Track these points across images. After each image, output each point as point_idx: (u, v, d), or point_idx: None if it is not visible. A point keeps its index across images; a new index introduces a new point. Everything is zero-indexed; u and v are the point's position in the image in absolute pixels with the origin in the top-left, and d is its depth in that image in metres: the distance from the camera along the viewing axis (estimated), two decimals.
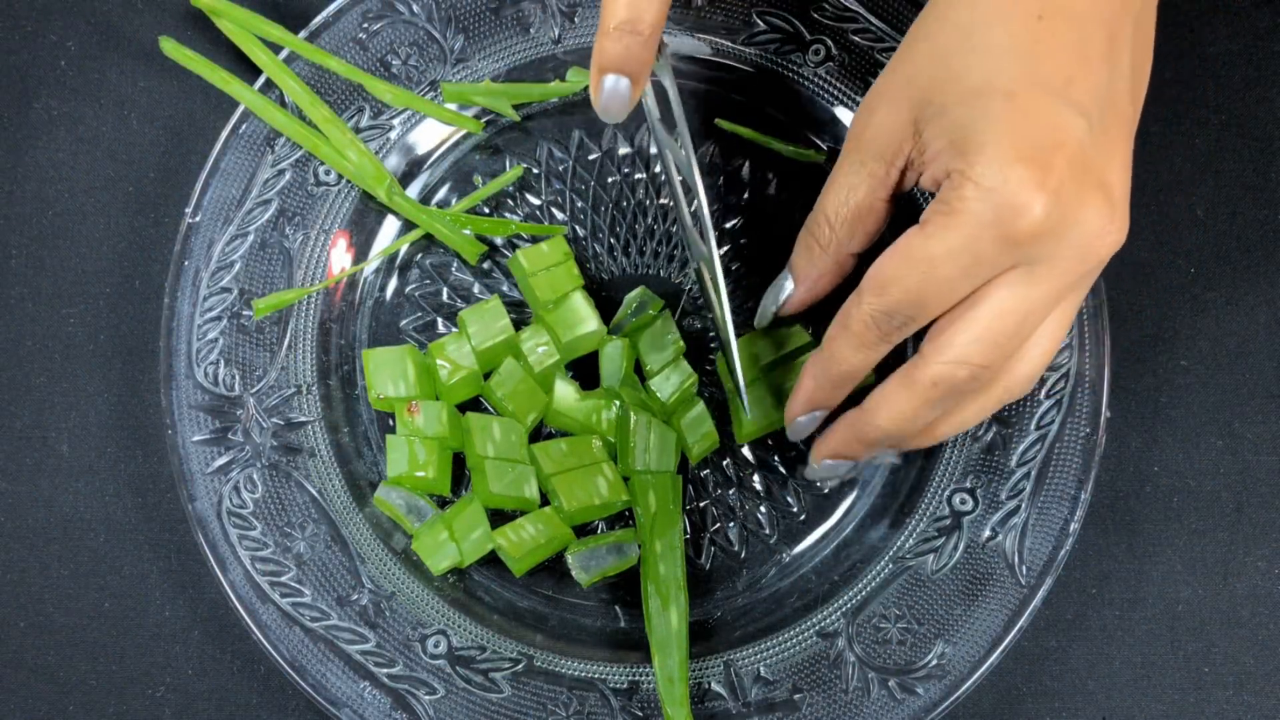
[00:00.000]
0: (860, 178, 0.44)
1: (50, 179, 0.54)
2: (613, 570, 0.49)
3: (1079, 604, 0.51)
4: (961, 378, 0.41)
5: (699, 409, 0.50)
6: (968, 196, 0.38)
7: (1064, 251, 0.39)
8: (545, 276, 0.50)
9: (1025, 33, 0.39)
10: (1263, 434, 0.53)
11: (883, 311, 0.41)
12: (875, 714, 0.47)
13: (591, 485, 0.48)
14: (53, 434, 0.52)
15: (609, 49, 0.42)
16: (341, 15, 0.52)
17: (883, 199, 0.44)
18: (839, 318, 0.43)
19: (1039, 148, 0.38)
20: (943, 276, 0.39)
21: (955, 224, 0.39)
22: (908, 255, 0.40)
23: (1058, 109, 0.38)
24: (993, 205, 0.38)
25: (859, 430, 0.45)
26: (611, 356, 0.50)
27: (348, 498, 0.50)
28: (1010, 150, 0.38)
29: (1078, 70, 0.39)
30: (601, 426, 0.49)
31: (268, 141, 0.51)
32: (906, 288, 0.40)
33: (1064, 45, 0.39)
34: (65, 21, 0.55)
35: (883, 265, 0.41)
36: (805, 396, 0.46)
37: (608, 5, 0.42)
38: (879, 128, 0.43)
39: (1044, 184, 0.38)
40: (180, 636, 0.51)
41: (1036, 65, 0.39)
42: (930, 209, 0.40)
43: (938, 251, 0.39)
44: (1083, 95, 0.39)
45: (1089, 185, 0.38)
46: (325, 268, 0.52)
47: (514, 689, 0.47)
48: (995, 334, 0.40)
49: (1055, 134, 0.38)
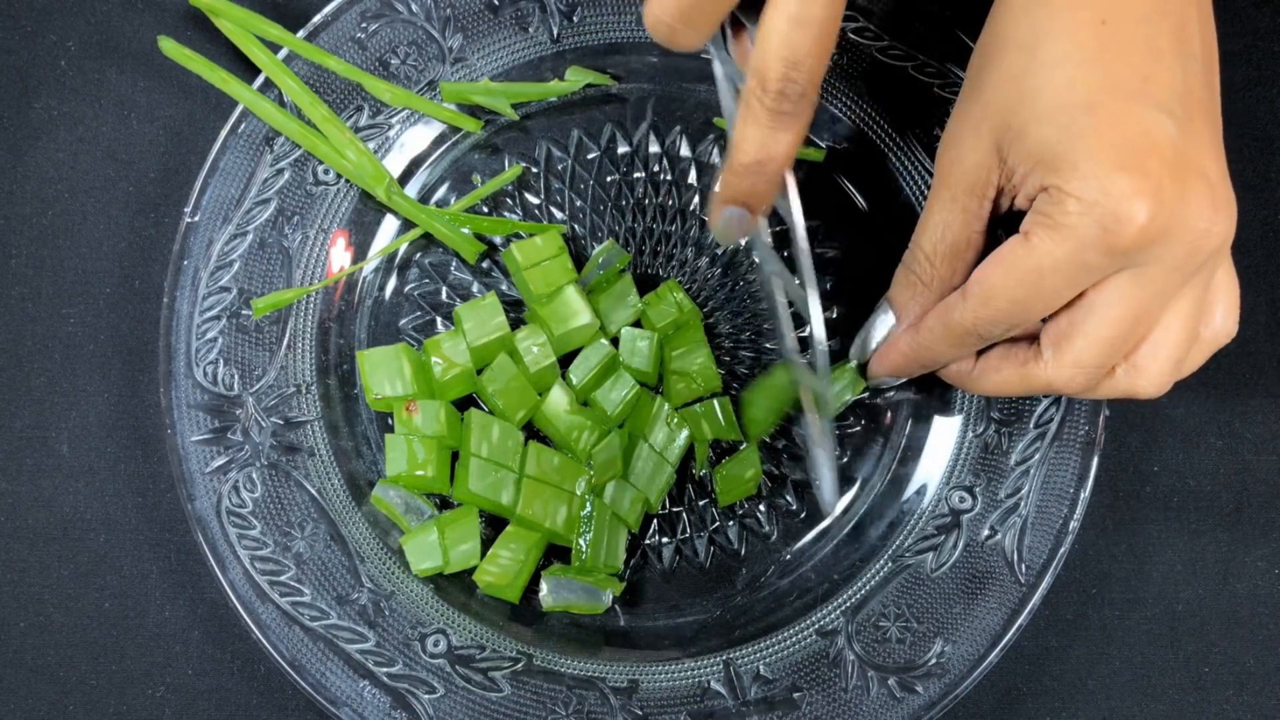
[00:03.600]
0: (953, 214, 0.43)
1: (50, 179, 0.54)
2: (578, 609, 0.49)
3: (1079, 603, 0.51)
4: (1079, 381, 0.42)
5: (718, 402, 0.51)
6: (1070, 211, 0.38)
7: (1173, 250, 0.38)
8: (539, 270, 0.50)
9: (1092, 40, 0.39)
10: (1263, 434, 0.53)
11: (986, 321, 0.41)
12: (875, 712, 0.47)
13: (553, 508, 0.48)
14: (53, 434, 0.52)
15: (734, 184, 0.43)
16: (340, 14, 0.52)
17: (978, 231, 0.43)
18: (940, 312, 0.43)
19: (1132, 154, 0.37)
20: (1050, 288, 0.39)
21: (1060, 238, 0.38)
22: (1013, 267, 0.40)
23: (1142, 111, 0.38)
24: (1096, 218, 0.37)
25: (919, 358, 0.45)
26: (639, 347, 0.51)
27: (347, 497, 0.50)
28: (1104, 161, 0.37)
29: (1152, 68, 0.39)
30: (579, 445, 0.49)
31: (267, 141, 0.51)
32: (1013, 299, 0.40)
33: (1133, 46, 0.39)
34: (65, 21, 0.56)
35: (987, 274, 0.41)
36: (890, 365, 0.47)
37: (737, 144, 0.42)
38: (963, 162, 0.42)
39: (1144, 189, 0.37)
40: (180, 636, 0.51)
41: (1110, 71, 0.38)
42: (1030, 221, 0.39)
43: (1044, 264, 0.39)
44: (1162, 92, 0.38)
45: (1188, 181, 0.38)
46: (324, 267, 0.52)
47: (514, 688, 0.47)
48: (1108, 338, 0.40)
49: (1145, 137, 0.38)
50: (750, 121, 0.41)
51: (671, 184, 0.53)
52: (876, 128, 0.53)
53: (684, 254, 0.53)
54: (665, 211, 0.53)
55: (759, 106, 0.40)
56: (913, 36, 0.52)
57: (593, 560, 0.48)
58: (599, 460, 0.49)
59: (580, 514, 0.49)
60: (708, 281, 0.53)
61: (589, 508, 0.49)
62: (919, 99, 0.52)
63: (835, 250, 0.53)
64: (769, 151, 0.41)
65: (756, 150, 0.41)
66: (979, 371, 0.45)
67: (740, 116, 0.41)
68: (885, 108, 0.53)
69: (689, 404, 0.51)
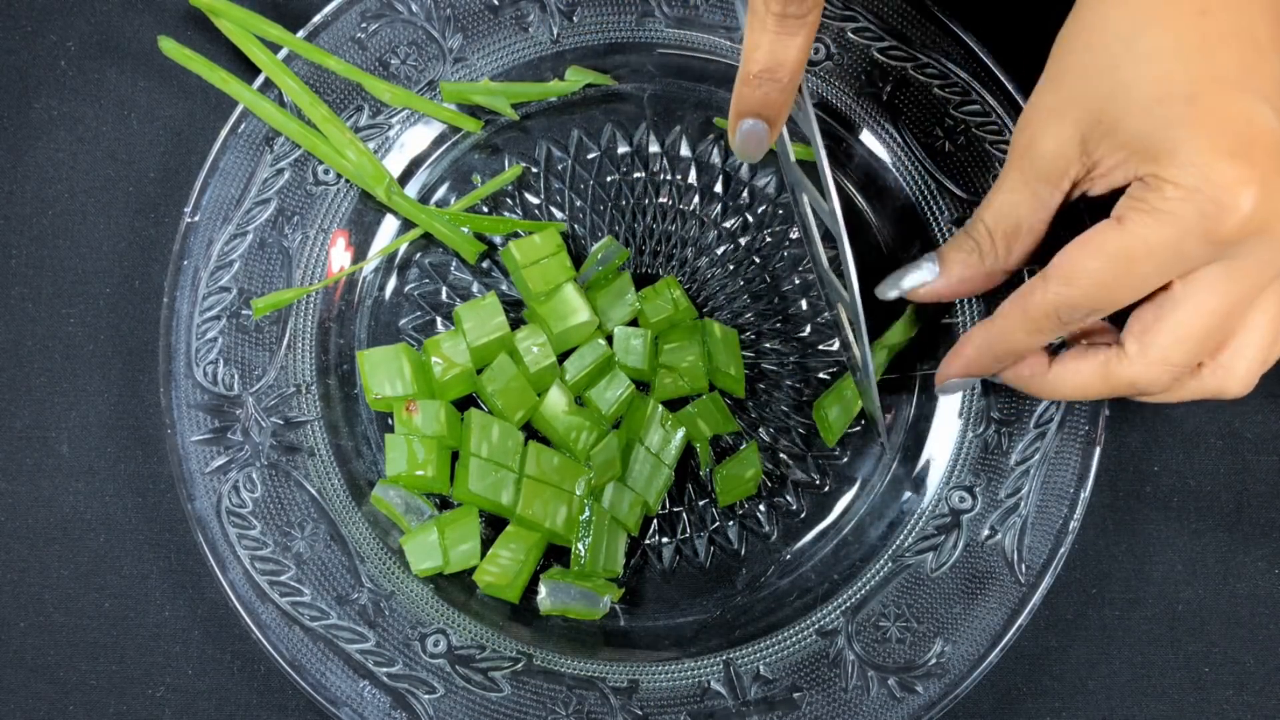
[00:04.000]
0: (1024, 196, 0.43)
1: (50, 179, 0.54)
2: (575, 614, 0.49)
3: (1079, 603, 0.51)
4: (1164, 380, 0.41)
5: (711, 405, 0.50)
6: (1170, 197, 0.37)
7: (1271, 244, 0.38)
8: (538, 268, 0.50)
9: (1192, 31, 0.38)
10: (1263, 434, 0.53)
11: (1068, 303, 0.40)
12: (875, 712, 0.47)
13: (553, 508, 0.48)
14: (53, 434, 0.52)
15: (747, 95, 0.42)
16: (340, 14, 0.52)
17: (1044, 220, 0.43)
18: (1018, 298, 0.42)
19: (1237, 143, 0.37)
20: (1139, 274, 0.38)
21: (1159, 223, 0.37)
22: (1102, 249, 0.39)
23: (1244, 101, 0.37)
24: (1198, 206, 0.37)
25: (995, 348, 0.44)
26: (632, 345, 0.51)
27: (347, 497, 0.50)
28: (1208, 149, 0.37)
29: (1253, 59, 0.38)
30: (578, 446, 0.49)
31: (267, 141, 0.51)
32: (1099, 281, 0.39)
33: (1233, 36, 0.38)
34: (65, 21, 0.56)
35: (1072, 256, 0.40)
36: (964, 364, 0.46)
37: (747, 52, 0.41)
38: (1044, 148, 0.41)
39: (1250, 178, 0.36)
40: (180, 636, 0.51)
41: (1211, 61, 0.38)
42: (1125, 205, 0.38)
43: (1138, 249, 0.38)
44: (1264, 82, 0.38)
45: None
46: (324, 267, 0.52)
47: (514, 688, 0.47)
48: (1198, 334, 0.40)
49: (1249, 127, 0.37)
50: (758, 28, 0.41)
51: (671, 184, 0.53)
52: (876, 127, 0.53)
53: (683, 254, 0.53)
54: (665, 211, 0.53)
55: (765, 11, 0.40)
56: (913, 36, 0.52)
57: (591, 564, 0.48)
58: (598, 461, 0.49)
59: (579, 518, 0.49)
60: (707, 282, 0.53)
61: (587, 512, 0.49)
62: (919, 99, 0.52)
63: (834, 250, 0.53)
64: (778, 57, 0.41)
65: (766, 58, 0.41)
66: (1055, 374, 0.44)
67: (749, 25, 0.41)
68: (885, 108, 0.53)
69: (677, 401, 0.51)
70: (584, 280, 0.51)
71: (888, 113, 0.53)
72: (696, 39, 0.54)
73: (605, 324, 0.51)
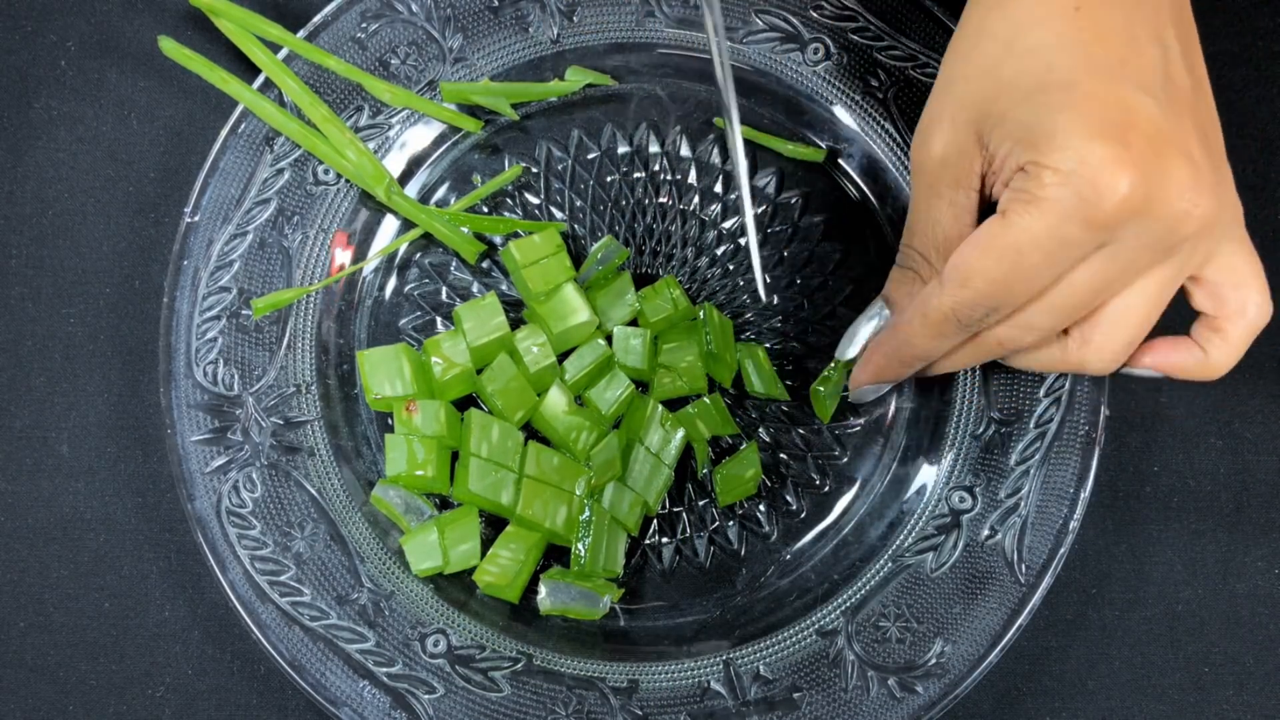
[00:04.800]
0: (939, 206, 0.43)
1: (50, 179, 0.54)
2: (575, 614, 0.49)
3: (1078, 603, 0.51)
4: (1027, 342, 0.42)
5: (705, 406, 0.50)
6: (1047, 183, 0.37)
7: (1151, 227, 0.38)
8: (538, 268, 0.50)
9: (1068, 26, 0.39)
10: (1263, 434, 0.53)
11: (965, 304, 0.40)
12: (875, 712, 0.47)
13: (553, 508, 0.48)
14: (53, 434, 0.52)
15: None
16: (340, 14, 0.52)
17: (968, 224, 0.43)
18: (918, 304, 0.42)
19: (1113, 126, 0.37)
20: (1028, 265, 0.38)
21: (1038, 211, 0.37)
22: (990, 246, 0.39)
23: (1121, 88, 0.37)
24: (1074, 189, 0.37)
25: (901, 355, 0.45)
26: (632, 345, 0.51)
27: (347, 497, 0.50)
28: (1083, 131, 0.37)
29: (1129, 52, 0.38)
30: (578, 446, 0.49)
31: (267, 141, 0.51)
32: (991, 279, 0.39)
33: (1109, 30, 0.38)
34: (65, 21, 0.56)
35: (964, 255, 0.40)
36: (874, 372, 0.47)
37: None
38: (943, 155, 0.42)
39: (1124, 159, 0.36)
40: (180, 636, 0.51)
41: (1087, 53, 0.38)
42: (1007, 199, 0.39)
43: (1022, 240, 0.38)
44: (1142, 74, 0.38)
45: (1170, 157, 0.37)
46: (324, 267, 0.52)
47: (514, 688, 0.47)
48: (1063, 301, 0.40)
49: (1125, 113, 0.37)
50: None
51: (671, 184, 0.53)
52: (876, 127, 0.53)
53: (684, 254, 0.53)
54: (665, 211, 0.53)
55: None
56: (913, 36, 0.52)
57: (591, 565, 0.48)
58: (598, 461, 0.49)
59: (579, 518, 0.49)
60: (707, 282, 0.53)
61: (587, 512, 0.49)
62: (919, 99, 0.52)
63: (835, 250, 0.53)
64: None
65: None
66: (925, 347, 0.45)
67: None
68: (885, 107, 0.53)
69: (676, 402, 0.51)
70: (584, 280, 0.51)
71: (888, 113, 0.53)
72: (697, 39, 0.54)
73: (605, 324, 0.51)
